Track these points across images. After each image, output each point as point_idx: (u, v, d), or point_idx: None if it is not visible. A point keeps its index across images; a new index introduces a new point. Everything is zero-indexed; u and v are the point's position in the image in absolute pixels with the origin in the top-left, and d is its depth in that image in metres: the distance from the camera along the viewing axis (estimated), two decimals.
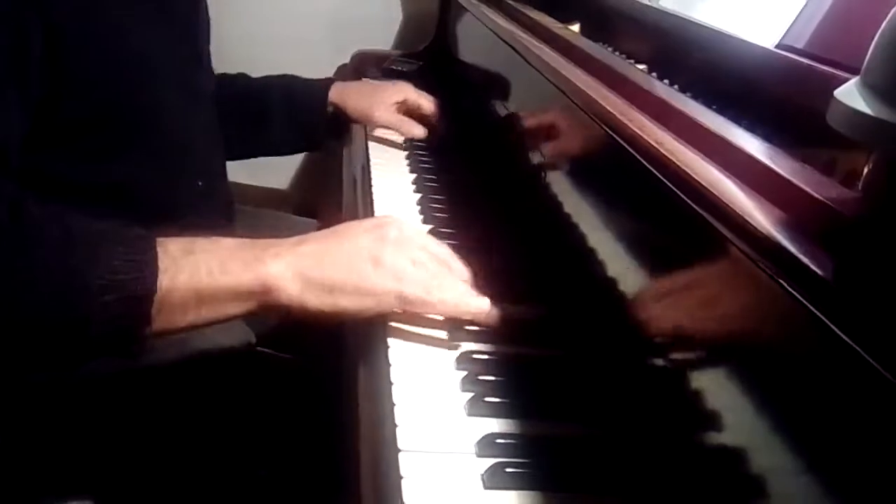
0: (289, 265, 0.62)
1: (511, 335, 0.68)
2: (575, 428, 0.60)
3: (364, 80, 1.30)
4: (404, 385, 0.62)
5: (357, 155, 1.12)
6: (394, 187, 1.02)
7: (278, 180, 1.94)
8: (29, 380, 0.71)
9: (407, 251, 0.65)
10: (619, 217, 0.68)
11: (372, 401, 0.62)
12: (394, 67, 1.59)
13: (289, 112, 1.15)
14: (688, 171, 0.54)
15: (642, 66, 0.89)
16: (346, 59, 1.67)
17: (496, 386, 0.62)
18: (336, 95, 1.18)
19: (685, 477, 0.53)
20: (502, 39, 1.07)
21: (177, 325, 0.60)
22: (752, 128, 0.62)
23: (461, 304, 0.66)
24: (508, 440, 0.56)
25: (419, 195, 0.99)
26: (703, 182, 0.52)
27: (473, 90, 1.26)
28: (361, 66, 1.60)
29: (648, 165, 0.59)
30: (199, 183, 0.85)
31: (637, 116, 0.66)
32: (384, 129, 1.18)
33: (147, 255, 0.58)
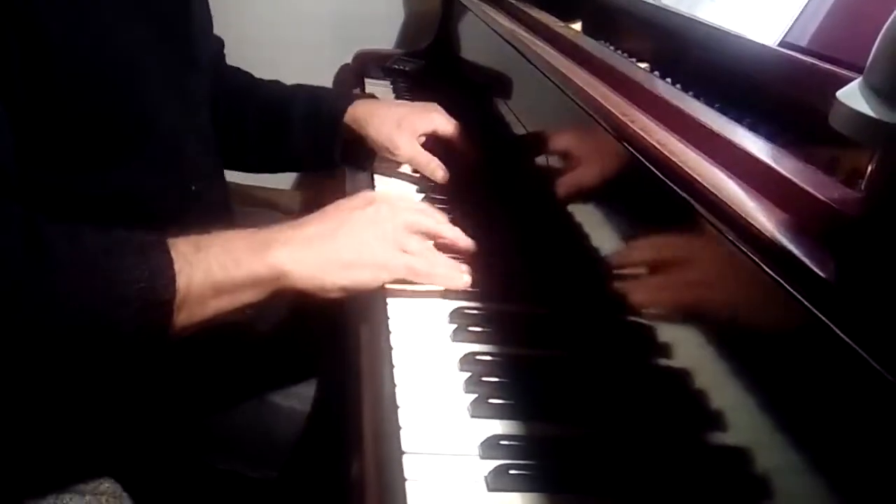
0: (297, 251, 0.66)
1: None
2: (579, 429, 0.60)
3: (387, 101, 1.12)
4: (408, 387, 0.62)
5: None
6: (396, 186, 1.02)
7: (277, 181, 1.94)
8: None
9: (399, 220, 0.72)
10: (620, 217, 0.68)
11: (376, 403, 0.62)
12: (396, 66, 1.59)
13: (309, 131, 1.04)
14: (689, 171, 0.54)
15: (644, 65, 0.89)
16: (348, 59, 1.67)
17: (500, 387, 0.62)
18: (356, 117, 1.02)
19: (689, 478, 0.53)
20: (504, 38, 1.07)
21: (197, 320, 0.63)
22: (754, 126, 0.62)
23: (454, 277, 0.74)
24: (512, 442, 0.57)
25: (422, 195, 1.00)
26: (704, 182, 0.52)
27: (475, 89, 1.26)
28: (363, 66, 1.60)
29: (650, 166, 0.59)
30: (192, 187, 0.83)
31: (639, 116, 0.66)
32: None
33: (163, 260, 0.60)
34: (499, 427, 0.58)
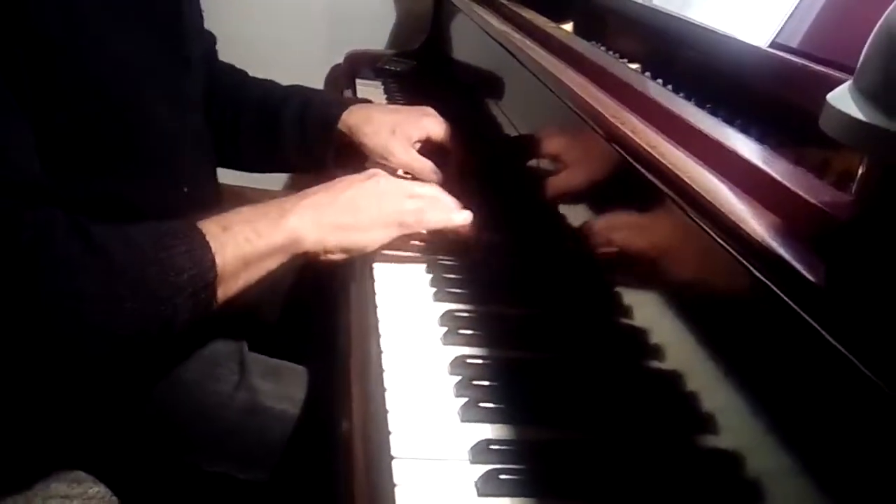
0: (305, 216, 0.73)
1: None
2: (570, 434, 0.60)
3: (381, 107, 1.10)
4: (398, 390, 0.61)
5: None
6: None
7: (268, 182, 1.93)
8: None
9: (399, 189, 0.81)
10: (610, 220, 0.68)
11: (365, 407, 0.62)
12: (387, 67, 1.59)
13: (299, 135, 1.03)
14: (679, 173, 0.54)
15: (635, 66, 0.89)
16: (339, 59, 1.67)
17: (490, 391, 0.62)
18: (350, 125, 1.01)
19: (681, 482, 0.53)
20: (495, 39, 1.07)
21: (233, 291, 0.70)
22: (745, 128, 0.62)
23: (448, 220, 0.81)
24: (502, 446, 0.56)
25: None
26: (694, 185, 0.52)
27: (467, 90, 1.25)
28: (355, 66, 1.60)
29: (640, 168, 0.59)
30: (185, 189, 0.83)
31: (629, 118, 0.66)
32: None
33: (202, 244, 0.67)
34: (489, 431, 0.58)
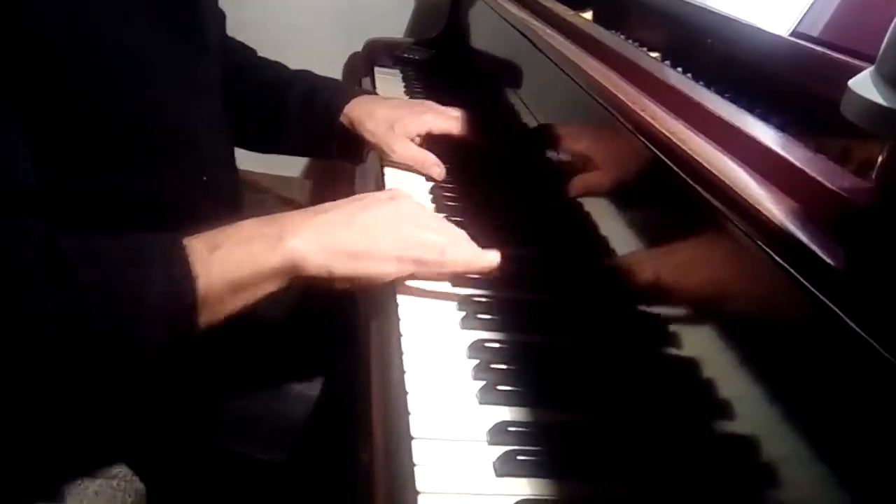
0: (310, 237, 0.65)
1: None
2: (586, 416, 0.60)
3: (384, 101, 1.10)
4: (417, 373, 0.62)
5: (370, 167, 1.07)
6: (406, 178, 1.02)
7: (286, 168, 1.94)
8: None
9: (420, 220, 0.71)
10: (630, 207, 0.68)
11: (385, 389, 0.62)
12: (406, 55, 1.59)
13: (302, 124, 1.04)
14: (700, 160, 0.54)
15: (655, 54, 0.89)
16: (358, 47, 1.67)
17: (508, 374, 0.63)
18: (351, 118, 1.02)
19: (697, 466, 0.53)
20: (514, 27, 1.07)
21: (219, 316, 0.63)
22: (765, 116, 0.62)
23: (473, 260, 0.71)
24: (520, 428, 0.57)
25: (430, 184, 1.00)
26: (715, 171, 0.52)
27: (485, 78, 1.26)
28: (373, 54, 1.60)
29: (660, 154, 0.59)
30: (203, 178, 0.81)
31: (649, 105, 0.66)
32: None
33: (182, 266, 0.61)
34: (507, 413, 0.59)
